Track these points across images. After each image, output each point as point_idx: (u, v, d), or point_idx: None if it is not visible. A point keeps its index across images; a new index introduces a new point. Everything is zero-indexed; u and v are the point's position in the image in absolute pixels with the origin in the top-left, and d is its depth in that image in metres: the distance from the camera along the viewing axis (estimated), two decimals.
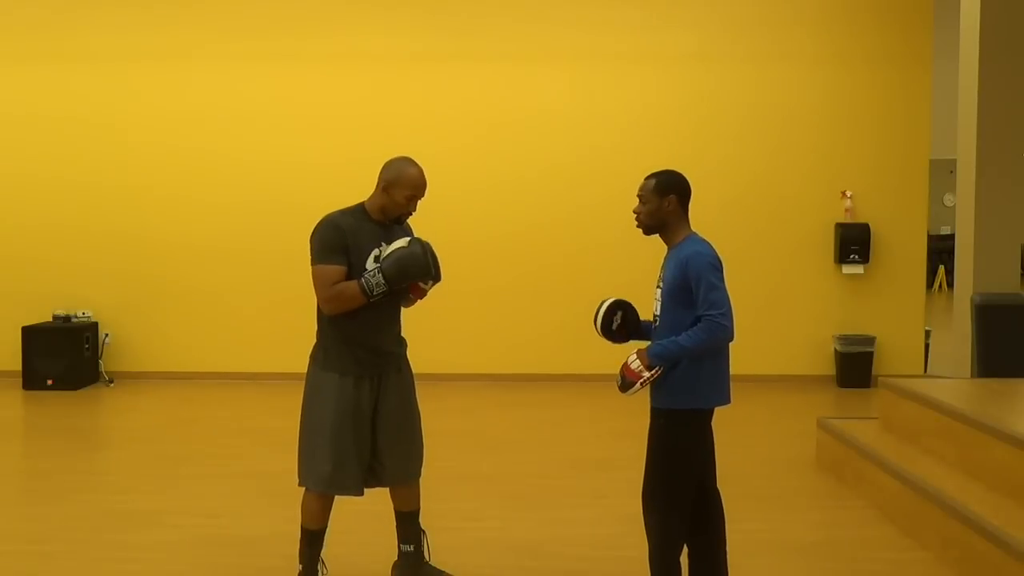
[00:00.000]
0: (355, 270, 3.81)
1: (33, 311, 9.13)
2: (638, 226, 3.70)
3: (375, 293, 3.76)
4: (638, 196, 3.69)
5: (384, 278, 3.75)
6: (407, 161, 3.90)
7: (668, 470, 3.60)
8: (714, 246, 3.64)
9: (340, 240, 3.80)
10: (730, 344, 3.63)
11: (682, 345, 3.50)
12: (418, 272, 3.79)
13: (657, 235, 3.72)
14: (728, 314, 3.49)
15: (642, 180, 3.71)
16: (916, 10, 9.13)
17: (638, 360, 3.58)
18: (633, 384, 3.59)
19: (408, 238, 3.86)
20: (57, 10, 9.25)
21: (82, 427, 7.65)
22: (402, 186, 3.84)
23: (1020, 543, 3.91)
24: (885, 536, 4.86)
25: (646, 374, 3.56)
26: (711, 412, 3.66)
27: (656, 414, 3.64)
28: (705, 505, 3.69)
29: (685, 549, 3.72)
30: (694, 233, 3.69)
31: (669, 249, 3.71)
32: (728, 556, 3.80)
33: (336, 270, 3.79)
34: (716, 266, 3.55)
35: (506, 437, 7.11)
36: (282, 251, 8.76)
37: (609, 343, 3.81)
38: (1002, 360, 6.14)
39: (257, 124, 9.24)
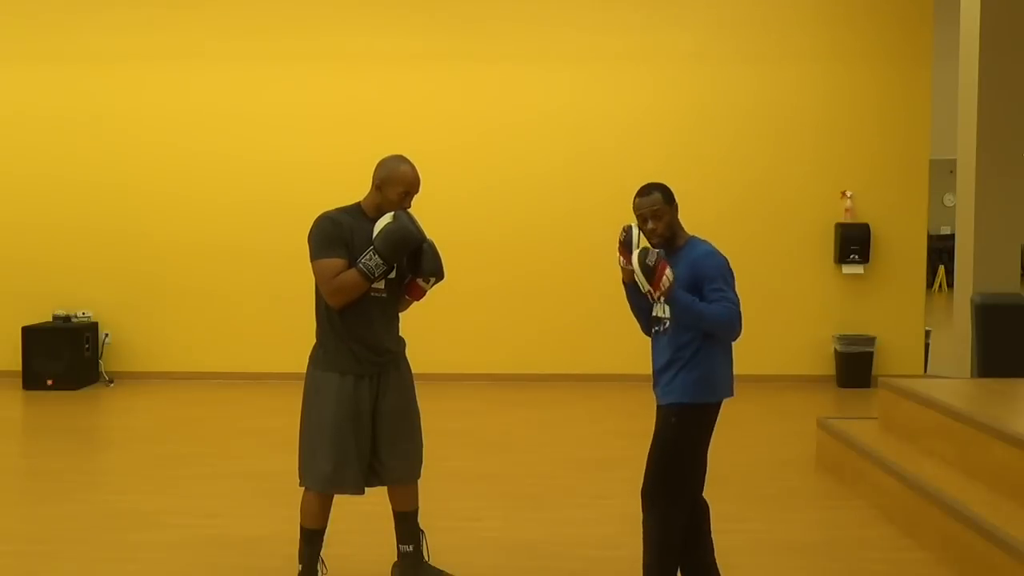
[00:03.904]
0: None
1: (33, 311, 9.13)
2: (655, 241, 3.61)
3: (376, 274, 3.77)
4: (651, 214, 3.58)
5: (380, 257, 3.75)
6: (399, 159, 3.92)
7: (676, 466, 3.59)
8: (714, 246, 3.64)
9: (339, 233, 3.81)
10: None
11: (701, 310, 3.46)
12: (410, 240, 3.77)
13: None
14: (741, 315, 3.50)
15: (636, 200, 3.62)
16: (916, 9, 9.13)
17: (668, 281, 3.41)
18: (650, 279, 3.41)
19: (391, 213, 3.82)
20: (57, 10, 9.25)
21: (82, 427, 7.65)
22: (395, 183, 3.85)
23: (1020, 543, 3.91)
24: (885, 536, 4.86)
25: (657, 293, 3.44)
26: (719, 406, 3.66)
27: (668, 410, 3.61)
28: (695, 515, 3.68)
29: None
30: (694, 236, 3.68)
31: (669, 254, 3.66)
32: (724, 556, 3.80)
33: (337, 263, 3.79)
34: (729, 268, 3.58)
35: (506, 437, 7.11)
36: (282, 251, 8.76)
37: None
38: (1002, 360, 6.14)
39: (257, 124, 9.24)
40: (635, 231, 3.67)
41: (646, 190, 3.64)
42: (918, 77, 9.14)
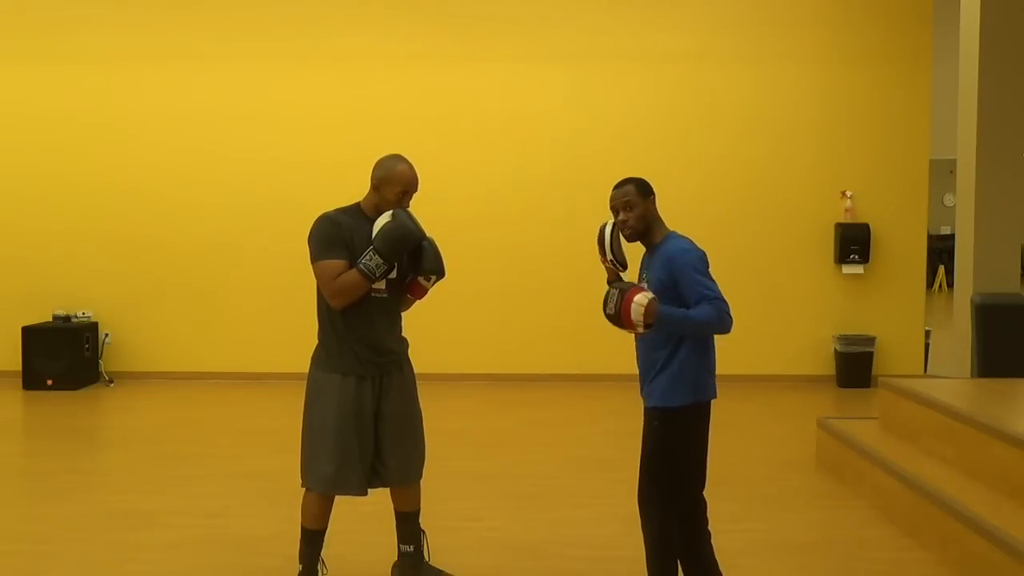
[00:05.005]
0: None
1: (33, 311, 9.13)
2: (628, 233, 3.60)
3: (377, 274, 3.76)
4: (622, 204, 3.57)
5: (380, 257, 3.74)
6: (396, 158, 3.91)
7: (667, 470, 3.58)
8: (705, 245, 3.60)
9: (339, 234, 3.80)
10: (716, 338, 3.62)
11: (691, 319, 3.41)
12: (409, 238, 3.76)
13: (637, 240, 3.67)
14: (726, 306, 3.45)
15: (611, 192, 3.62)
16: (916, 10, 9.13)
17: (644, 309, 3.36)
18: (622, 326, 3.40)
19: (390, 211, 3.80)
20: (57, 10, 9.25)
21: (82, 427, 7.65)
22: (392, 183, 3.84)
23: (1020, 543, 3.91)
24: (885, 536, 4.86)
25: (641, 329, 3.41)
26: (707, 407, 3.63)
27: (652, 414, 3.61)
28: (697, 516, 3.68)
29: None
30: (673, 231, 3.65)
31: (649, 251, 3.66)
32: (724, 556, 3.80)
33: (338, 264, 3.78)
34: (704, 259, 3.51)
35: (506, 437, 7.11)
36: (282, 251, 8.77)
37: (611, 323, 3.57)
38: (1002, 360, 6.14)
39: (257, 124, 9.24)
40: (608, 229, 3.66)
41: (621, 183, 3.63)
42: (918, 77, 9.14)
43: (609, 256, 3.67)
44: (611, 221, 3.68)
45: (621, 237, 3.67)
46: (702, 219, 8.33)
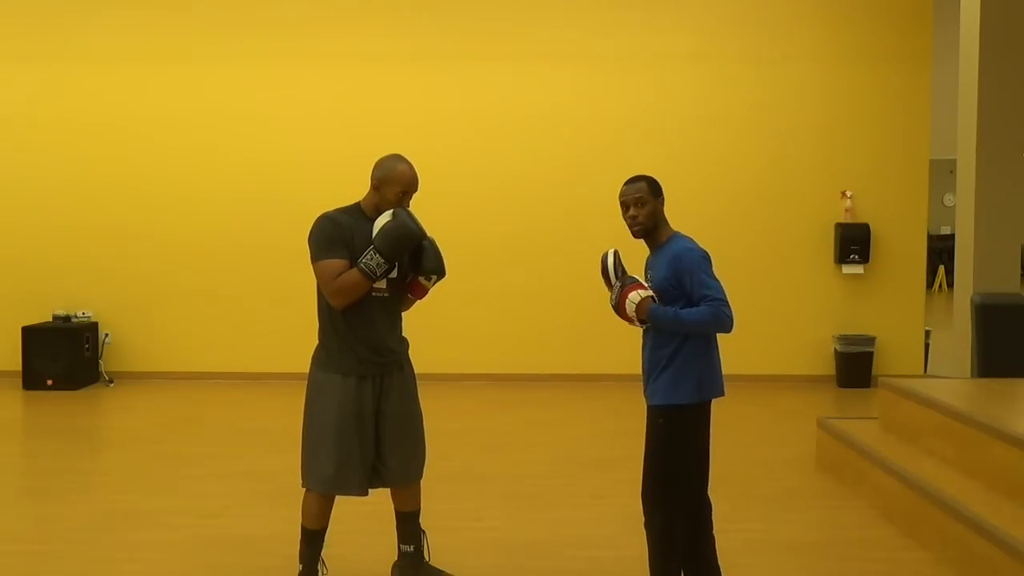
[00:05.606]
0: None
1: (33, 311, 9.13)
2: (637, 230, 3.64)
3: (378, 273, 3.76)
4: (633, 200, 3.61)
5: (381, 256, 3.74)
6: (396, 158, 3.91)
7: (671, 469, 3.59)
8: (705, 245, 3.63)
9: (339, 234, 3.80)
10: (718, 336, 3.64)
11: (682, 319, 3.49)
12: (410, 237, 3.76)
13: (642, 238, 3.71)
14: (729, 304, 3.50)
15: (622, 188, 3.65)
16: (916, 10, 9.13)
17: (635, 307, 3.56)
18: (620, 314, 3.65)
19: (390, 211, 3.80)
20: (57, 11, 9.25)
21: (82, 427, 7.65)
22: (392, 183, 3.84)
23: (1020, 543, 3.91)
24: (885, 536, 4.87)
25: (636, 324, 3.63)
26: (709, 405, 3.65)
27: (655, 412, 3.63)
28: (700, 516, 3.68)
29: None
30: (677, 232, 3.69)
31: (654, 250, 3.70)
32: (724, 556, 3.80)
33: (339, 263, 3.78)
34: (707, 259, 3.57)
35: (506, 437, 7.11)
36: (283, 251, 8.77)
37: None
38: (1002, 360, 6.13)
39: (257, 123, 9.24)
40: (610, 258, 3.71)
41: (633, 179, 3.68)
42: (918, 77, 9.14)
43: (616, 284, 3.69)
44: (611, 250, 3.74)
45: (622, 262, 3.72)
46: (702, 219, 8.31)
